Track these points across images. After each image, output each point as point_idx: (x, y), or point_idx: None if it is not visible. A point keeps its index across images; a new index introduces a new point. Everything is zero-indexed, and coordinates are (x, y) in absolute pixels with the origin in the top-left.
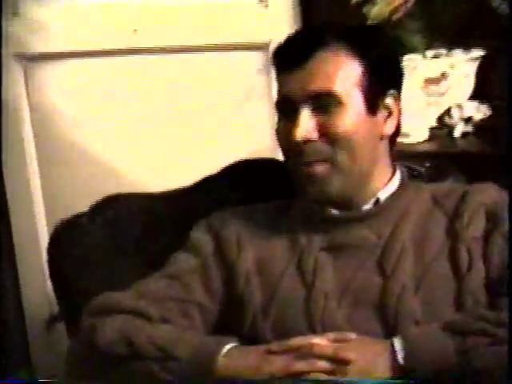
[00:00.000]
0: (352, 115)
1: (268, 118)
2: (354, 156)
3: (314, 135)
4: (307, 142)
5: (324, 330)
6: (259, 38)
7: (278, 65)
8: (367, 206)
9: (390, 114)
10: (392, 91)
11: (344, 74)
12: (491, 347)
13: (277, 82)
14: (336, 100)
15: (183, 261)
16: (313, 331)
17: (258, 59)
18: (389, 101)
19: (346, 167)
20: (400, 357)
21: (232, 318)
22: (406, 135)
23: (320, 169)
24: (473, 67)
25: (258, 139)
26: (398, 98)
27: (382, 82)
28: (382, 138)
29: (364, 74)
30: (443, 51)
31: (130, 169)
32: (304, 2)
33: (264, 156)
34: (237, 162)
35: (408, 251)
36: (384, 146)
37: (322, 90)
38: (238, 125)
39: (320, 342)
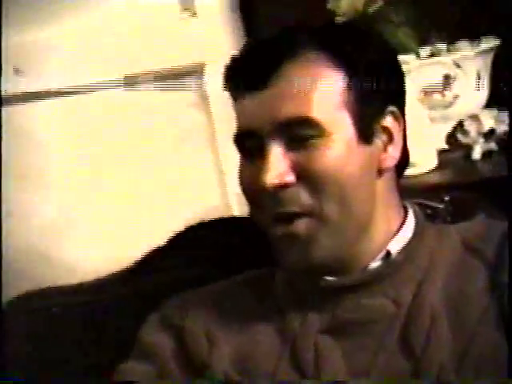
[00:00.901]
0: (339, 148)
1: (213, 166)
2: (345, 204)
3: (290, 178)
4: (282, 187)
5: None
6: (189, 61)
7: (233, 89)
8: (375, 264)
9: (390, 138)
10: (391, 108)
11: (324, 93)
12: None
13: (234, 111)
14: (316, 129)
15: (135, 372)
16: None
17: (189, 88)
18: (388, 121)
19: (337, 221)
20: None
21: None
22: (410, 165)
23: (301, 226)
24: (485, 63)
25: (204, 194)
26: (399, 116)
27: (378, 96)
28: (382, 172)
29: (351, 88)
30: (443, 46)
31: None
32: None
33: (217, 215)
34: (188, 228)
35: (441, 319)
36: (388, 182)
37: (295, 118)
38: (176, 179)
39: None
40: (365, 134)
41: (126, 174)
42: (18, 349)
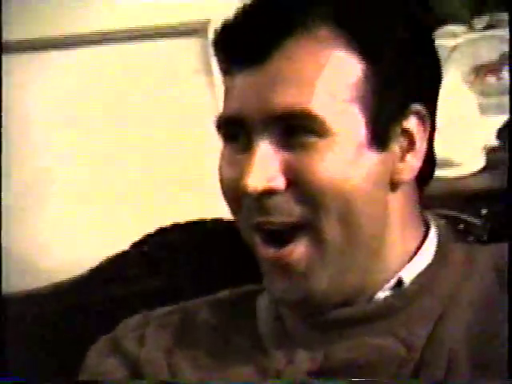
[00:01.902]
0: (345, 151)
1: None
2: (350, 223)
3: (280, 183)
4: (268, 193)
5: None
6: (193, 17)
7: (223, 60)
8: (383, 295)
9: (411, 144)
10: (417, 106)
11: (332, 81)
12: None
13: (223, 85)
14: (317, 126)
15: None
16: None
17: (192, 49)
18: (411, 123)
19: (339, 244)
20: None
21: None
22: (447, 164)
23: (299, 251)
24: None
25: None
26: (426, 117)
27: (402, 91)
28: (398, 186)
29: (368, 78)
30: (503, 16)
31: None
32: None
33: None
34: (161, 229)
35: (461, 368)
36: (405, 197)
37: (292, 109)
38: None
39: None
40: (379, 136)
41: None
42: None
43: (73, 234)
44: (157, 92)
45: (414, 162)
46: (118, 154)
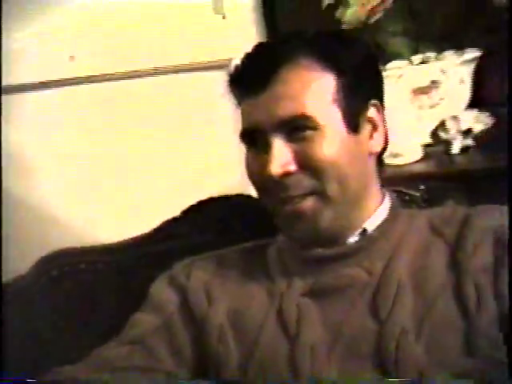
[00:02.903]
0: (333, 138)
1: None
2: (344, 183)
3: (293, 167)
4: (286, 175)
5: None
6: (219, 56)
7: (238, 91)
8: (353, 240)
9: (374, 127)
10: (374, 101)
11: (316, 92)
12: None
13: (240, 110)
14: (311, 123)
15: (144, 322)
16: None
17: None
18: (372, 113)
19: (338, 197)
20: None
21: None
22: (397, 155)
23: (308, 204)
24: (468, 71)
25: (225, 172)
26: (381, 108)
27: (362, 92)
28: (369, 157)
29: (340, 87)
30: (432, 55)
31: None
32: (268, 9)
33: (235, 192)
34: (201, 201)
35: (405, 289)
36: (373, 166)
37: (293, 115)
38: (202, 157)
39: None
40: (353, 124)
41: (152, 161)
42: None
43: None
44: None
45: (379, 139)
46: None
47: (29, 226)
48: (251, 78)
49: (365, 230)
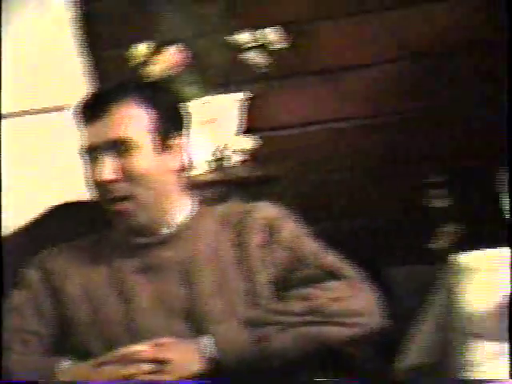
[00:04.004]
0: (146, 156)
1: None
2: (150, 191)
3: (116, 176)
4: (111, 182)
5: (144, 338)
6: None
7: (83, 118)
8: (166, 231)
9: (176, 151)
10: (177, 132)
11: (134, 123)
12: (283, 333)
13: (83, 132)
14: (130, 144)
15: (18, 295)
16: (135, 341)
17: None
18: (175, 140)
19: (145, 201)
20: (210, 351)
21: (65, 338)
22: (195, 168)
23: (124, 206)
24: (238, 107)
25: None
26: (182, 137)
27: (168, 125)
28: (173, 172)
29: (152, 120)
30: (214, 97)
31: None
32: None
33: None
34: (59, 205)
35: (206, 264)
36: (176, 179)
37: (118, 137)
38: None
39: (141, 348)
40: (161, 147)
41: None
42: None
43: None
44: None
45: (180, 159)
46: None
47: None
48: (92, 110)
49: (174, 224)
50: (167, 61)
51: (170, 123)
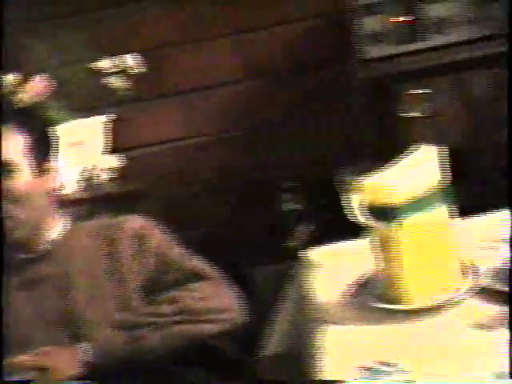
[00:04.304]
0: (23, 177)
1: None
2: (26, 210)
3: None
4: None
5: (29, 349)
6: None
7: None
8: (42, 248)
9: (51, 172)
10: (49, 155)
11: (13, 146)
12: (155, 333)
13: None
14: (11, 166)
15: None
16: (22, 352)
17: None
18: (48, 163)
19: (22, 220)
20: (89, 356)
21: None
22: (63, 188)
23: (8, 224)
24: (103, 129)
25: None
26: (54, 160)
27: (41, 149)
28: (47, 193)
29: (26, 145)
30: (78, 120)
31: None
32: None
33: None
34: None
35: (80, 276)
36: (50, 198)
37: (2, 160)
38: None
39: (25, 358)
40: (37, 170)
41: None
42: None
43: None
44: None
45: (54, 180)
46: None
47: None
48: None
49: (49, 240)
50: (33, 89)
51: (43, 147)
